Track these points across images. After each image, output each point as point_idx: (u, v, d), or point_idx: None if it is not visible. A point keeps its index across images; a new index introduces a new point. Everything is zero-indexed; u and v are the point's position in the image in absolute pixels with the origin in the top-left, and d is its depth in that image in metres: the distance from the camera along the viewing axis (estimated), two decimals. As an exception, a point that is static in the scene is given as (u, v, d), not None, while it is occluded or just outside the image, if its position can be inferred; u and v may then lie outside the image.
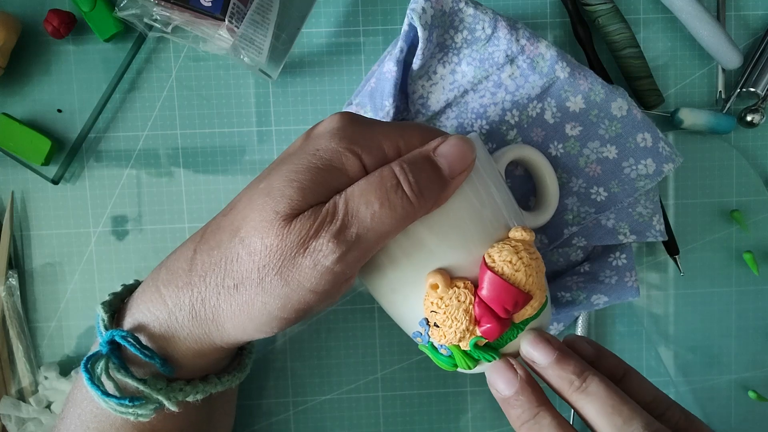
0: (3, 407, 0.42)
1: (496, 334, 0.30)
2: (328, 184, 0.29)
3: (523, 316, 0.31)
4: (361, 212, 0.28)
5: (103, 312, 0.32)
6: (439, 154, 0.30)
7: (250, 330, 0.31)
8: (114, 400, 0.30)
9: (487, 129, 0.40)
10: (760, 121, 0.43)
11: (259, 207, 0.29)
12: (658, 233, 0.40)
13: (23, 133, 0.41)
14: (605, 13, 0.42)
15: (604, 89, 0.39)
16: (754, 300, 0.45)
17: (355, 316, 0.45)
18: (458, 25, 0.39)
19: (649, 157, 0.39)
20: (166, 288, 0.31)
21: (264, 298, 0.29)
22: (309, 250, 0.28)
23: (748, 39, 0.44)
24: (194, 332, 0.31)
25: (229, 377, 0.35)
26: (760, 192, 0.45)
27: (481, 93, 0.40)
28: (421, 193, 0.29)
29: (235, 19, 0.38)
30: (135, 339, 0.31)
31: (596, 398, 0.29)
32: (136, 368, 0.31)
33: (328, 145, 0.29)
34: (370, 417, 0.45)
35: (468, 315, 0.30)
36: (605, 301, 0.40)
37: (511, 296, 0.30)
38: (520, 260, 0.30)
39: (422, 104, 0.40)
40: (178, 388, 0.32)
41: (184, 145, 0.43)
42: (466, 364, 0.32)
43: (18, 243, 0.43)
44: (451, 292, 0.30)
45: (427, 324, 0.32)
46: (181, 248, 0.32)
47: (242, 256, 0.29)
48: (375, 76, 0.39)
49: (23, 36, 0.41)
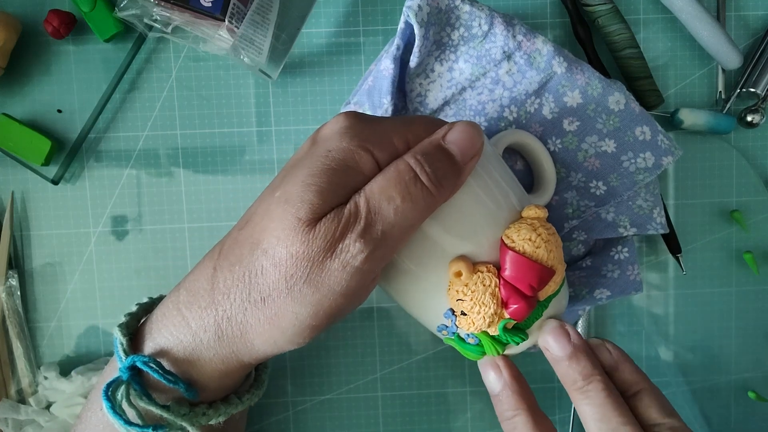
0: (1, 410, 0.42)
1: (524, 314, 0.31)
2: (345, 183, 0.29)
3: (547, 293, 0.32)
4: (384, 209, 0.28)
5: (121, 335, 0.31)
6: (449, 141, 0.30)
7: (281, 342, 0.30)
8: (137, 429, 0.29)
9: (486, 126, 0.40)
10: (760, 121, 0.43)
11: (279, 216, 0.28)
12: (659, 225, 0.40)
13: (23, 133, 0.41)
14: (605, 13, 0.42)
15: (602, 84, 0.39)
16: (754, 300, 0.45)
17: (355, 316, 0.45)
18: (455, 22, 0.39)
19: (648, 151, 0.39)
20: (188, 309, 0.30)
21: (294, 308, 0.28)
22: (337, 253, 0.28)
23: (748, 39, 0.44)
24: (221, 352, 0.30)
25: (248, 396, 0.34)
26: (760, 192, 0.45)
27: (479, 90, 0.40)
28: (439, 181, 0.29)
29: (235, 20, 0.38)
30: (158, 364, 0.30)
31: (592, 402, 0.29)
32: (157, 394, 0.30)
33: (340, 144, 0.29)
34: (370, 417, 0.45)
35: (495, 298, 0.30)
36: (608, 296, 0.40)
37: (536, 272, 0.30)
38: (539, 237, 0.31)
39: (420, 102, 0.40)
40: (201, 412, 0.31)
41: (184, 145, 0.43)
42: (494, 350, 0.32)
43: (18, 243, 0.43)
44: (476, 277, 0.30)
45: (453, 314, 0.31)
46: (198, 267, 0.32)
47: (267, 268, 0.28)
48: (372, 74, 0.39)
49: (23, 36, 0.41)
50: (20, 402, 0.42)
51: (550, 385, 0.45)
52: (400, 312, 0.44)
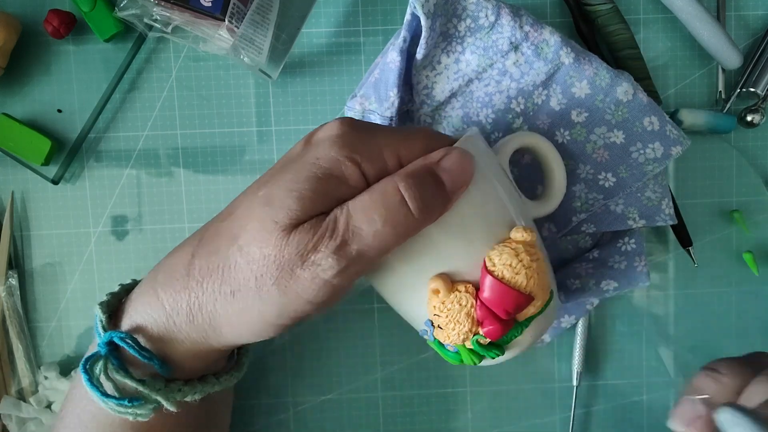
0: (4, 407, 0.42)
1: (498, 335, 0.31)
2: (328, 193, 0.29)
3: (527, 315, 0.31)
4: (364, 230, 0.28)
5: (101, 313, 0.32)
6: (443, 169, 0.30)
7: (246, 335, 0.31)
8: (113, 401, 0.30)
9: (493, 118, 0.40)
10: (760, 121, 0.43)
11: (259, 216, 0.29)
12: (667, 217, 0.40)
13: (23, 133, 0.41)
14: (605, 13, 0.42)
15: (609, 74, 0.39)
16: (754, 300, 0.45)
17: (355, 316, 0.45)
18: (461, 13, 0.38)
19: (657, 141, 0.39)
20: (163, 291, 0.31)
21: (260, 307, 0.29)
22: (308, 263, 0.28)
23: (748, 39, 0.44)
24: (191, 335, 0.31)
25: (226, 377, 0.35)
26: (760, 192, 0.45)
27: (486, 81, 0.39)
28: (425, 208, 0.29)
29: (235, 19, 0.38)
30: (133, 340, 0.31)
31: None
32: (134, 369, 0.31)
33: (328, 153, 0.29)
34: (370, 417, 0.45)
35: (470, 318, 0.30)
36: (615, 287, 0.40)
37: (512, 299, 0.30)
38: (521, 263, 0.30)
39: (427, 95, 0.40)
40: (176, 388, 0.32)
41: (184, 145, 0.43)
42: (471, 360, 0.32)
43: (18, 243, 0.43)
44: (453, 296, 0.31)
45: (432, 325, 0.32)
46: (178, 251, 0.32)
47: (240, 264, 0.29)
48: (379, 67, 0.39)
49: (23, 36, 0.41)
50: (21, 401, 0.42)
51: (550, 385, 0.45)
52: (400, 312, 0.45)
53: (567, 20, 0.43)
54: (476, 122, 0.40)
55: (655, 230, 0.45)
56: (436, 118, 0.41)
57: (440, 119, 0.41)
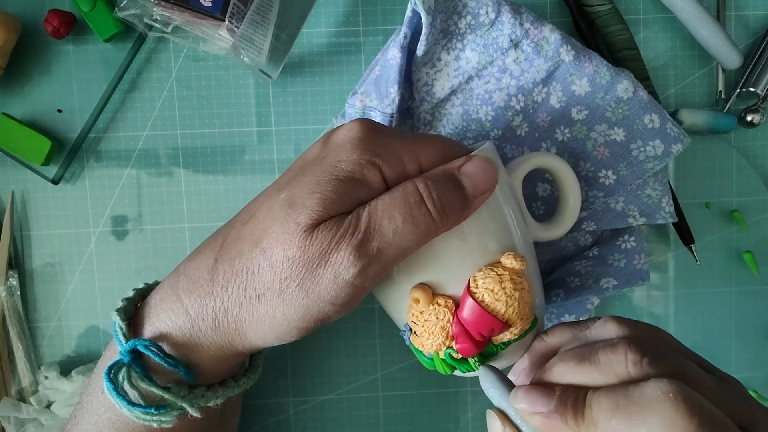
0: (2, 409, 0.42)
1: (471, 353, 0.31)
2: (350, 195, 0.29)
3: (502, 340, 0.31)
4: (384, 226, 0.28)
5: (120, 320, 0.32)
6: (463, 174, 0.30)
7: (271, 338, 0.31)
8: (139, 410, 0.30)
9: (493, 115, 0.40)
10: (760, 121, 0.43)
11: (281, 218, 0.29)
12: (668, 215, 0.40)
13: (23, 133, 0.41)
14: (604, 14, 0.42)
15: (610, 71, 0.39)
16: (754, 300, 0.45)
17: (355, 316, 0.45)
18: (461, 10, 0.38)
19: (657, 138, 0.39)
20: (187, 297, 0.31)
21: (285, 309, 0.29)
22: (330, 262, 0.28)
23: (748, 39, 0.44)
24: (217, 341, 0.31)
25: (245, 380, 0.35)
26: (760, 192, 0.45)
27: (486, 79, 0.39)
28: (444, 210, 0.29)
29: (235, 19, 0.38)
30: (158, 348, 0.30)
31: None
32: (157, 376, 0.31)
33: (350, 156, 0.29)
34: (370, 417, 0.45)
35: (444, 332, 0.31)
36: (615, 285, 0.40)
37: (488, 324, 0.30)
38: (503, 290, 0.30)
39: (427, 92, 0.40)
40: (200, 394, 0.32)
41: (184, 145, 0.43)
42: (444, 370, 0.32)
43: (18, 243, 0.43)
44: (432, 308, 0.31)
45: (410, 330, 0.32)
46: (199, 256, 0.32)
47: (264, 267, 0.29)
48: (380, 63, 0.39)
49: (23, 36, 0.41)
50: (21, 401, 0.42)
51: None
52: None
53: (567, 20, 0.43)
54: (476, 119, 0.40)
55: (655, 230, 0.45)
56: (436, 115, 0.41)
57: (440, 116, 0.41)
